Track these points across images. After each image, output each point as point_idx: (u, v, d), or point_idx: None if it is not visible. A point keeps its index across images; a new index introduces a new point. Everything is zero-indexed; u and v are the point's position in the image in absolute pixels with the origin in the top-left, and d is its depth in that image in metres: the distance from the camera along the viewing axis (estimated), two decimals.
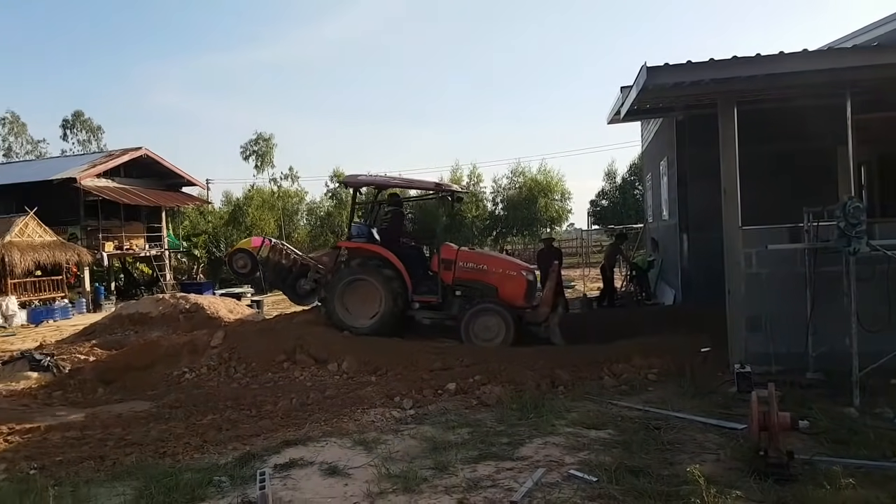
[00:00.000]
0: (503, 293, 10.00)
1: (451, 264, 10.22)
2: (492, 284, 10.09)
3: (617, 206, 40.54)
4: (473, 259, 10.53)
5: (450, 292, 10.23)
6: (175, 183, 32.31)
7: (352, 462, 4.91)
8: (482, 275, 10.19)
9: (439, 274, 10.22)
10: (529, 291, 10.21)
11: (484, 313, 9.79)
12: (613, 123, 12.78)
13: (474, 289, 10.15)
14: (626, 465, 4.45)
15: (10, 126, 54.00)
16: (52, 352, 11.06)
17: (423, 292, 10.28)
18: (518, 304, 9.99)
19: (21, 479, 5.05)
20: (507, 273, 10.27)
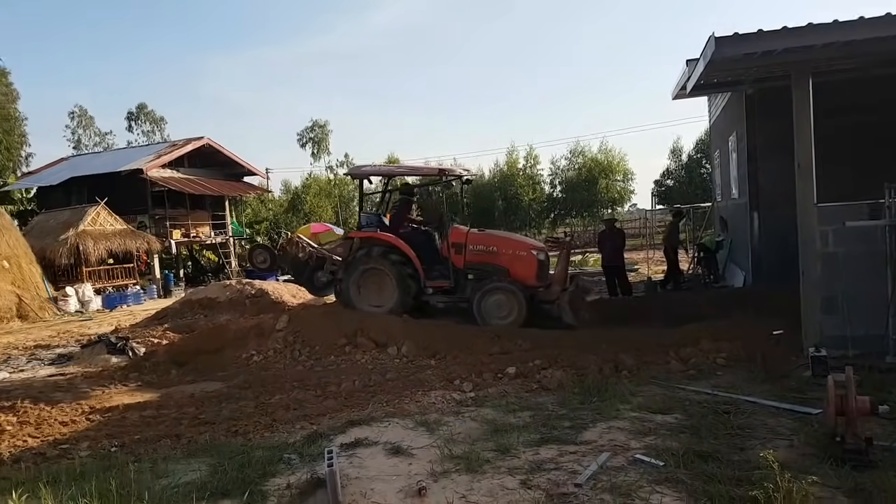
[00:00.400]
0: (514, 273, 9.96)
1: (462, 248, 10.23)
2: (503, 266, 10.05)
3: (683, 185, 39.26)
4: (483, 241, 10.44)
5: (462, 276, 10.21)
6: (236, 172, 33.10)
7: (414, 442, 4.97)
8: (493, 257, 10.16)
9: (450, 258, 10.24)
10: (541, 270, 10.14)
11: (495, 292, 9.80)
12: (679, 99, 12.39)
13: (486, 271, 10.08)
14: (694, 450, 4.36)
15: (79, 119, 56.27)
16: (127, 335, 11.55)
17: (435, 277, 10.34)
18: (530, 283, 9.96)
19: (103, 455, 5.29)
20: (517, 253, 10.21)
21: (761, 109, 10.69)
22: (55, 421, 6.44)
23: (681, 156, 41.42)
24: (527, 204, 39.48)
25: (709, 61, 6.62)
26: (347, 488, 4.10)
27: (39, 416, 6.57)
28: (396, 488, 4.11)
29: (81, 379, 8.55)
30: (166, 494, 4.18)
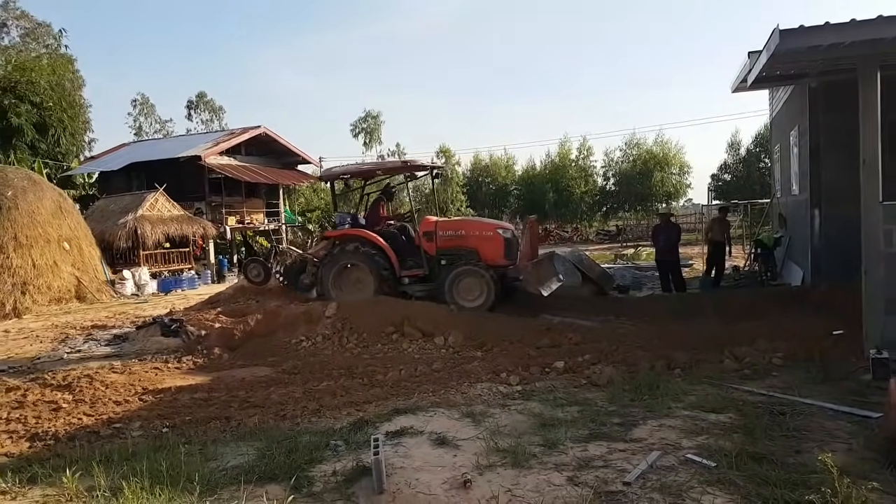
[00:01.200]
0: (484, 255, 10.39)
1: (433, 236, 10.67)
2: (472, 248, 10.47)
3: (740, 180, 38.21)
4: (452, 227, 10.89)
5: (436, 262, 10.61)
6: (291, 161, 33.60)
7: (460, 433, 4.93)
8: (462, 240, 10.57)
9: (423, 247, 10.67)
10: (508, 249, 10.51)
11: (465, 276, 10.23)
12: (739, 92, 12.02)
13: (457, 255, 10.47)
14: (747, 451, 4.20)
15: (141, 107, 58.03)
16: (180, 318, 11.83)
17: (409, 266, 10.76)
18: (499, 262, 10.39)
19: (155, 436, 5.40)
20: (484, 234, 10.62)
21: (825, 103, 10.32)
22: (109, 400, 6.61)
23: (739, 150, 40.28)
24: (578, 196, 38.95)
25: (772, 54, 6.41)
26: (392, 477, 4.10)
27: (94, 395, 6.76)
28: (441, 479, 4.09)
29: (136, 360, 8.79)
30: (215, 477, 4.25)
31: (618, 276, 15.45)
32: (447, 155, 42.24)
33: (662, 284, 13.22)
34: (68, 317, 15.18)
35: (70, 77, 29.77)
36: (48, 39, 39.53)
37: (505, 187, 42.59)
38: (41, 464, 4.64)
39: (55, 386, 7.20)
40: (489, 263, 10.30)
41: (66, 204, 19.87)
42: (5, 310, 15.95)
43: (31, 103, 21.17)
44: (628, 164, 39.92)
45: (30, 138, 21.50)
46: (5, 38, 39.92)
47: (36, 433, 5.61)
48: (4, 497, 4.16)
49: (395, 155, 47.17)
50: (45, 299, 16.87)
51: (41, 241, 17.70)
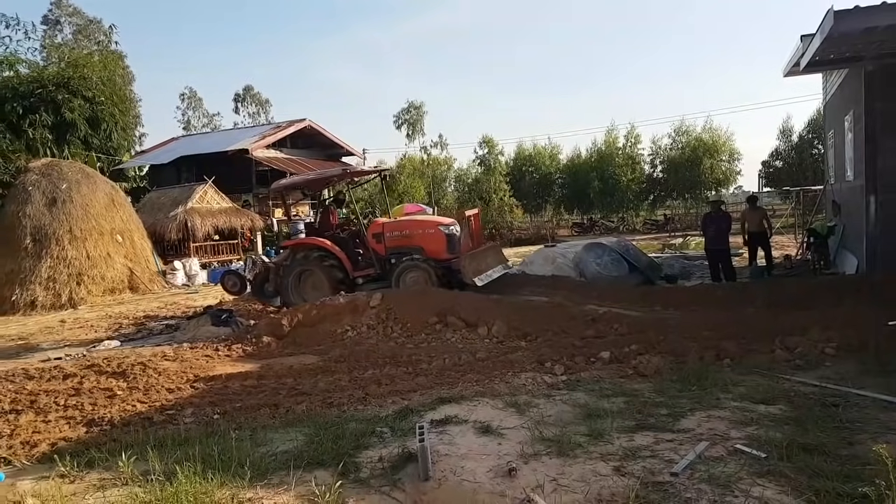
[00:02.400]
0: (428, 250, 11.02)
1: (381, 237, 11.34)
2: (417, 245, 11.09)
3: (792, 166, 37.06)
4: (398, 227, 11.56)
5: (386, 261, 11.23)
6: (335, 153, 33.97)
7: (504, 423, 4.92)
8: (408, 239, 11.22)
9: (373, 248, 11.34)
10: (450, 243, 11.10)
11: (409, 270, 10.85)
12: (791, 76, 11.67)
13: (404, 253, 11.08)
14: (798, 443, 4.11)
15: (189, 101, 59.30)
16: (230, 308, 12.10)
17: (362, 267, 11.42)
18: (443, 257, 11.00)
19: (206, 422, 5.53)
20: (427, 232, 11.22)
21: (882, 87, 9.98)
22: (162, 387, 6.77)
23: (791, 136, 39.07)
24: (625, 185, 38.31)
25: (826, 36, 6.21)
26: (437, 464, 4.12)
27: (147, 383, 6.93)
28: (486, 467, 4.10)
29: (187, 348, 9.01)
30: (265, 462, 4.34)
31: (666, 266, 15.19)
32: (490, 145, 42.05)
33: (712, 274, 12.95)
34: (121, 307, 15.66)
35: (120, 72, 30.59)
36: (99, 36, 40.75)
37: (549, 176, 42.17)
38: (98, 448, 4.80)
39: (110, 373, 7.41)
40: (433, 258, 10.93)
41: (118, 197, 20.45)
42: (61, 300, 16.55)
43: (84, 98, 21.79)
44: (677, 151, 39.05)
45: (83, 133, 22.16)
46: (58, 35, 41.31)
47: (92, 419, 5.79)
48: (64, 480, 4.32)
49: (439, 146, 47.21)
50: (99, 290, 17.43)
51: (95, 234, 18.28)
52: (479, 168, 42.70)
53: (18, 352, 10.62)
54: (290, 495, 3.86)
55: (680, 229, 33.37)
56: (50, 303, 16.42)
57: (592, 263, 13.25)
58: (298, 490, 3.91)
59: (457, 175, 45.89)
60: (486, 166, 41.65)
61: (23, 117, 20.46)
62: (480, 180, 41.04)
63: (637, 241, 21.30)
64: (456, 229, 11.42)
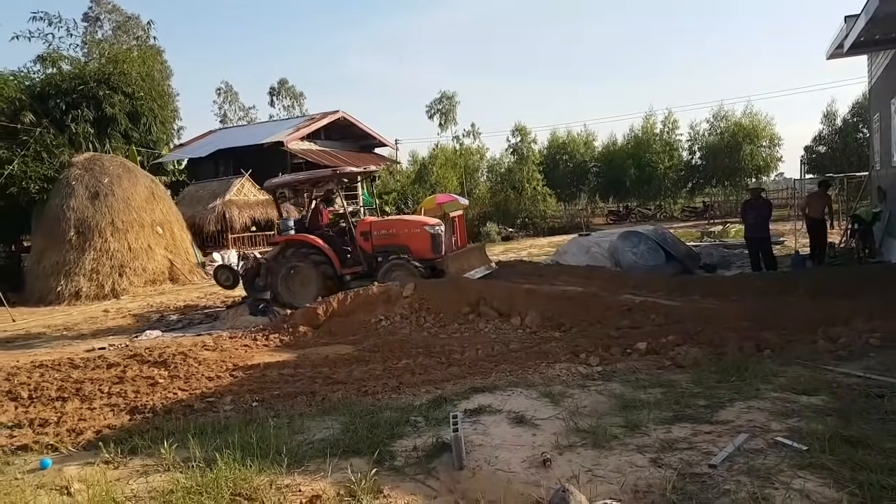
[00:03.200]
0: (413, 249, 11.31)
1: (369, 235, 11.64)
2: (403, 244, 11.40)
3: (836, 152, 36.00)
4: (385, 226, 11.88)
5: (373, 259, 11.53)
6: (368, 144, 34.13)
7: (539, 413, 4.90)
8: (394, 238, 11.53)
9: (360, 246, 11.62)
10: (434, 243, 11.35)
11: (394, 269, 11.08)
12: (834, 59, 11.31)
13: (391, 251, 11.38)
14: (841, 435, 4.00)
15: (225, 95, 60.10)
16: (268, 298, 12.26)
17: (350, 265, 11.69)
18: (427, 256, 11.27)
19: (245, 410, 5.64)
20: (412, 231, 11.52)
21: None
22: (202, 376, 6.91)
23: (835, 120, 37.94)
24: (662, 172, 37.67)
25: (871, 17, 6.01)
26: (471, 454, 4.12)
27: (188, 372, 7.08)
28: (520, 458, 4.09)
29: (226, 338, 9.17)
30: (302, 449, 4.40)
31: (704, 255, 14.95)
32: (522, 133, 41.60)
33: (752, 263, 12.70)
34: (162, 297, 16.01)
35: (158, 67, 31.09)
36: (137, 31, 41.46)
37: (583, 164, 41.66)
38: (141, 435, 4.91)
39: (152, 362, 7.59)
40: (418, 257, 11.19)
41: (158, 190, 20.86)
42: (104, 290, 17.00)
43: (124, 94, 22.23)
44: (716, 137, 38.21)
45: (123, 127, 22.62)
46: (99, 31, 42.16)
47: (135, 406, 5.93)
48: (108, 466, 4.44)
49: (471, 135, 46.98)
50: (140, 281, 17.85)
51: (136, 226, 18.70)
52: (511, 157, 42.35)
53: (64, 342, 10.92)
54: (326, 482, 3.90)
55: (719, 217, 32.75)
56: (94, 293, 16.88)
57: (628, 252, 13.09)
58: (335, 477, 3.95)
59: (489, 164, 45.61)
60: (519, 155, 41.27)
61: (65, 113, 20.97)
62: (513, 169, 40.69)
63: (675, 230, 20.98)
64: (441, 229, 11.69)
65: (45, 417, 5.71)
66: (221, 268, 13.37)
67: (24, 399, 6.40)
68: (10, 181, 18.24)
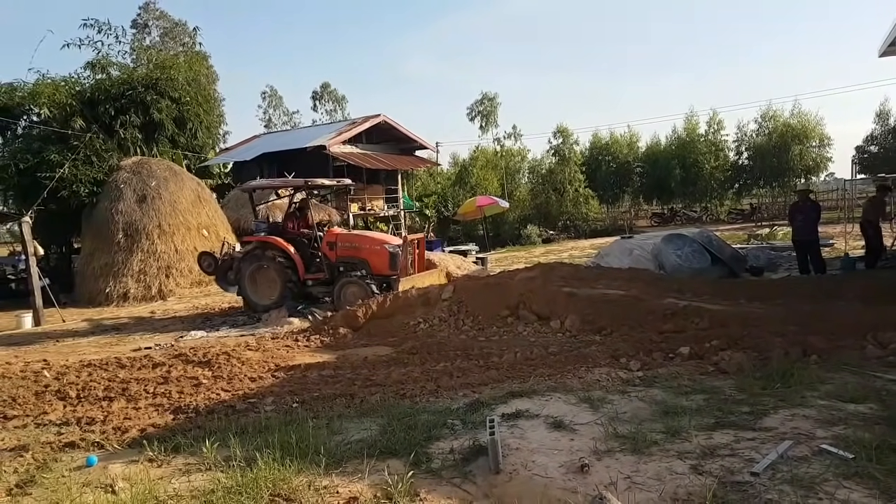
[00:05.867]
0: (373, 265, 11.75)
1: (334, 245, 12.03)
2: (364, 259, 11.82)
3: (889, 151, 34.92)
4: (350, 239, 12.32)
5: (335, 268, 11.94)
6: (409, 147, 34.25)
7: (577, 418, 4.85)
8: (357, 251, 11.96)
9: (326, 254, 12.00)
10: (392, 261, 11.78)
11: (348, 285, 11.60)
12: (887, 56, 10.95)
13: (352, 264, 11.80)
14: (889, 444, 3.88)
15: (270, 99, 61.06)
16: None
17: (313, 271, 12.13)
18: (385, 272, 11.74)
19: (286, 410, 5.70)
20: (373, 248, 11.96)
21: None
22: (245, 377, 7.02)
23: (888, 119, 36.78)
24: (708, 173, 36.97)
25: None
26: (508, 458, 4.11)
27: (231, 372, 7.20)
28: (558, 463, 4.05)
29: (269, 339, 9.31)
30: (340, 450, 4.43)
31: (751, 258, 14.64)
32: (564, 135, 41.37)
33: (800, 266, 12.40)
34: (207, 299, 16.34)
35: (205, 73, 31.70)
36: (184, 38, 42.43)
37: (626, 165, 41.14)
38: (184, 434, 5.01)
39: (196, 363, 7.75)
40: (376, 272, 11.66)
41: (204, 193, 21.27)
42: (151, 292, 17.40)
43: (171, 99, 22.72)
44: (763, 137, 37.37)
45: (170, 132, 23.11)
46: (146, 38, 43.26)
47: (179, 406, 6.04)
48: (152, 465, 4.54)
49: (513, 137, 46.86)
50: (186, 282, 18.22)
51: (182, 229, 19.09)
52: (553, 158, 42.12)
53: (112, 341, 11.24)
54: (363, 483, 3.93)
55: (767, 219, 32.03)
56: (141, 294, 17.28)
57: (672, 255, 12.90)
58: (372, 479, 3.98)
59: (530, 166, 45.43)
60: (561, 156, 41.02)
61: (114, 118, 21.51)
62: (555, 171, 40.49)
63: (721, 232, 20.58)
64: (399, 249, 12.02)
65: (92, 416, 5.85)
66: (204, 254, 13.74)
67: (72, 398, 6.58)
68: (60, 185, 18.76)
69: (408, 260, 12.30)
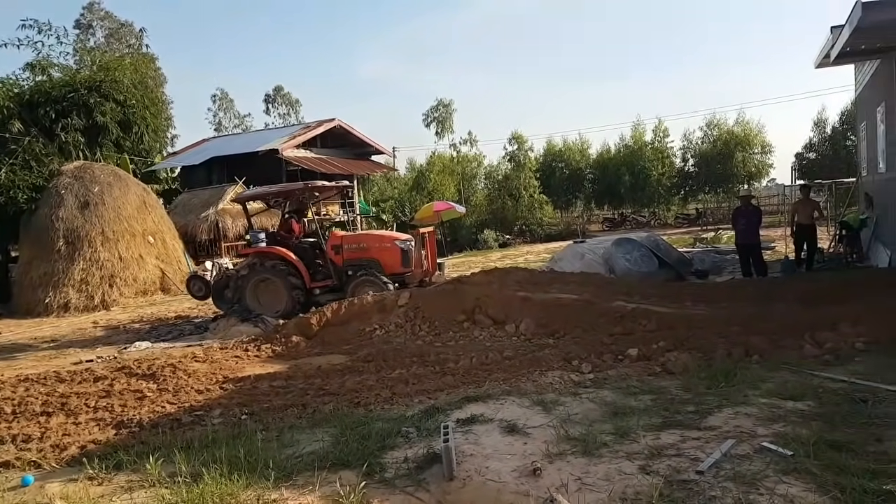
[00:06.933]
0: (384, 263, 11.50)
1: (340, 249, 11.74)
2: (374, 258, 11.56)
3: (826, 158, 36.36)
4: (356, 240, 12.09)
5: (343, 273, 11.60)
6: (365, 151, 34.13)
7: (530, 421, 4.90)
8: (365, 252, 11.68)
9: (332, 259, 11.68)
10: (405, 258, 11.61)
11: (364, 284, 11.18)
12: (822, 67, 11.41)
13: (361, 265, 11.50)
14: (826, 440, 4.05)
15: (220, 102, 60.08)
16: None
17: (320, 278, 11.76)
18: (397, 270, 11.52)
19: (234, 423, 5.56)
20: (383, 246, 11.74)
21: None
22: (191, 389, 6.81)
23: (825, 127, 38.30)
24: (655, 179, 37.99)
25: (854, 28, 6.09)
26: (462, 464, 4.12)
27: (177, 384, 6.96)
28: (511, 467, 4.08)
29: (217, 349, 9.11)
30: (291, 462, 4.37)
31: (696, 261, 15.02)
32: (519, 141, 41.86)
33: (743, 269, 12.77)
34: (153, 308, 15.95)
35: (152, 75, 31.03)
36: (130, 39, 41.42)
37: (579, 172, 41.98)
38: (126, 450, 4.84)
39: (140, 375, 7.45)
40: (388, 272, 11.39)
41: (150, 199, 20.79)
42: (94, 302, 16.90)
43: (116, 102, 22.14)
44: (708, 144, 38.66)
45: (115, 136, 22.53)
46: (91, 39, 42.09)
47: (122, 421, 5.83)
48: (92, 483, 4.38)
49: (468, 143, 47.08)
50: (131, 291, 17.75)
51: (127, 235, 18.61)
52: (508, 164, 42.56)
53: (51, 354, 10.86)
54: (314, 496, 3.89)
55: (712, 223, 32.96)
56: (83, 305, 16.77)
57: (622, 259, 13.15)
58: (323, 491, 3.93)
59: (487, 172, 45.73)
60: (516, 162, 41.50)
61: (55, 121, 20.88)
62: (510, 176, 40.88)
63: (668, 236, 21.04)
64: (412, 244, 11.85)
65: (29, 433, 5.60)
66: (194, 278, 13.33)
67: (7, 414, 6.26)
68: None
69: (421, 255, 12.02)
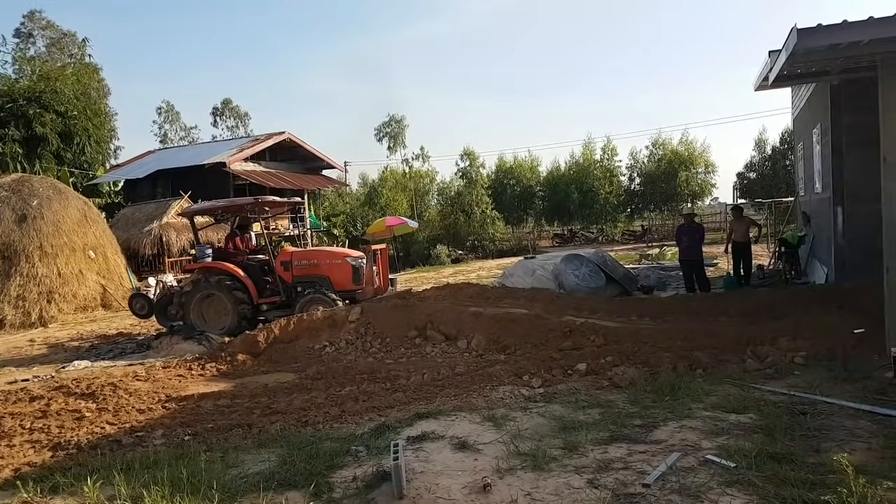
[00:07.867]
0: (335, 280, 11.31)
1: (289, 265, 11.51)
2: (324, 275, 11.36)
3: (766, 178, 37.82)
4: (306, 256, 11.86)
5: (293, 289, 11.42)
6: (316, 166, 33.86)
7: (481, 437, 4.92)
8: (315, 269, 11.46)
9: (280, 276, 11.47)
10: (356, 275, 11.44)
11: (313, 301, 10.92)
12: (762, 90, 11.87)
13: (311, 282, 11.32)
14: (767, 451, 4.18)
15: (166, 114, 58.86)
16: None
17: (267, 294, 11.56)
18: (348, 287, 11.33)
19: (177, 444, 5.42)
20: (333, 262, 11.56)
21: (847, 101, 10.28)
22: (132, 408, 6.62)
23: (765, 148, 39.87)
24: (603, 197, 38.83)
25: (791, 53, 6.36)
26: (412, 482, 4.10)
27: (118, 404, 6.75)
28: (461, 484, 4.09)
29: (160, 367, 8.85)
30: (235, 484, 4.27)
31: (642, 277, 15.35)
32: (471, 157, 42.29)
33: (686, 285, 13.10)
34: (94, 325, 15.41)
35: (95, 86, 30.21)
36: (73, 49, 40.29)
37: (529, 189, 42.62)
38: (63, 473, 4.66)
39: (79, 395, 7.22)
40: (339, 289, 11.19)
41: (91, 212, 20.14)
42: (31, 319, 16.22)
43: (56, 112, 21.52)
44: (654, 163, 39.73)
45: (55, 147, 21.88)
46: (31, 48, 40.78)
47: (59, 442, 5.63)
48: None
49: (420, 158, 47.22)
50: (70, 308, 17.11)
51: (66, 250, 17.95)
52: (461, 181, 42.89)
53: None
54: None
55: (657, 240, 33.74)
56: (19, 321, 16.08)
57: (571, 275, 13.33)
58: None
59: (439, 188, 45.94)
60: (468, 179, 41.86)
61: None
62: (462, 193, 41.18)
63: (616, 252, 21.44)
64: (363, 261, 11.74)
65: None
66: (136, 296, 12.97)
67: None
68: None
69: (373, 272, 11.83)
